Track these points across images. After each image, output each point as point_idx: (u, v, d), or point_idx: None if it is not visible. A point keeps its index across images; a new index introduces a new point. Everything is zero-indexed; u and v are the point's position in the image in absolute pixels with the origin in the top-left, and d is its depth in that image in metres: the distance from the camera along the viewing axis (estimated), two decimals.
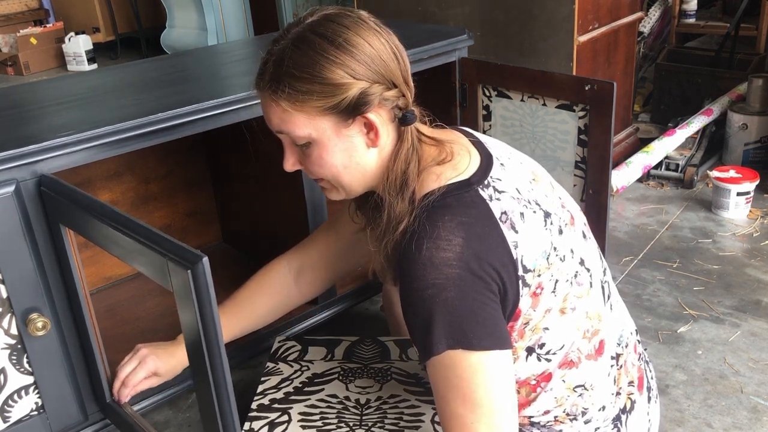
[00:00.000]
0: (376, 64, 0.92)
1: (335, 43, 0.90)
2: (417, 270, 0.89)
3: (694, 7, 3.51)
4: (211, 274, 0.86)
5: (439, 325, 0.87)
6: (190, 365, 0.95)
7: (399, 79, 0.95)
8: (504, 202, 0.94)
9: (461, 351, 0.88)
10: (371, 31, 0.93)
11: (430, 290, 0.88)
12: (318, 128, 0.94)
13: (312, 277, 1.31)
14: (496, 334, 0.89)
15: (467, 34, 1.73)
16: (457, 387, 0.89)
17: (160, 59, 1.83)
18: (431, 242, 0.88)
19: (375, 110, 0.94)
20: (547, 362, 1.00)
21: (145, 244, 0.94)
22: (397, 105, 0.96)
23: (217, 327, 0.88)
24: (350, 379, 1.36)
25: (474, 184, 0.94)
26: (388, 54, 0.94)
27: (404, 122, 0.97)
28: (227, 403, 0.92)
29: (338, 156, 0.96)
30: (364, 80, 0.91)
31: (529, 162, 1.08)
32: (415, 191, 0.95)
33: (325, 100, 0.91)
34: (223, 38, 4.63)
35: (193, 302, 0.87)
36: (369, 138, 0.96)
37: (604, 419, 1.07)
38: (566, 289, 0.98)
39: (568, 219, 1.03)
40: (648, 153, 2.52)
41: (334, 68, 0.90)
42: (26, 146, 1.12)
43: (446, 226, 0.89)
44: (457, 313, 0.87)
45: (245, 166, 1.77)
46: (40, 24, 5.63)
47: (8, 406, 1.20)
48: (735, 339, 1.74)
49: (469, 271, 0.88)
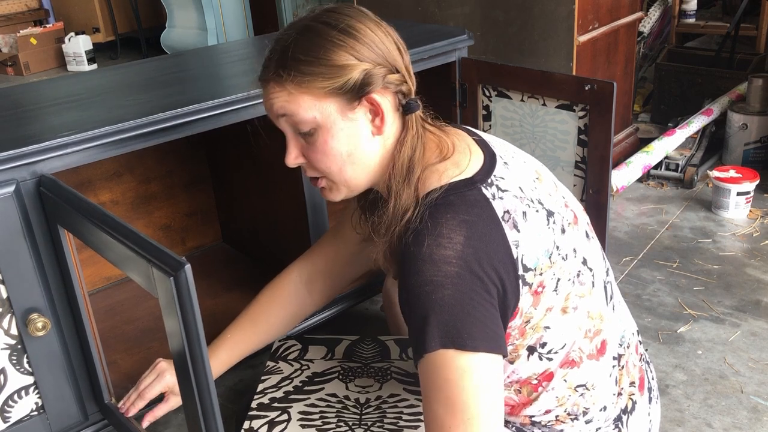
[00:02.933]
0: (379, 48, 0.94)
1: (338, 28, 0.93)
2: (416, 266, 0.88)
3: (694, 7, 3.51)
4: (193, 282, 0.85)
5: (434, 322, 0.87)
6: (176, 371, 0.94)
7: (402, 66, 0.97)
8: (507, 201, 0.94)
9: (453, 351, 0.87)
10: (374, 22, 0.97)
11: (428, 287, 0.87)
12: (323, 111, 0.94)
13: (323, 285, 1.31)
14: (489, 336, 0.88)
15: (467, 34, 1.73)
16: (442, 389, 0.88)
17: (160, 59, 1.83)
18: (432, 239, 0.88)
19: (379, 92, 0.95)
20: (548, 361, 1.00)
21: (133, 249, 0.93)
22: (401, 90, 0.97)
23: (200, 333, 0.87)
24: (350, 379, 1.36)
25: (477, 182, 0.94)
26: (391, 42, 0.97)
27: (408, 110, 0.98)
28: (210, 408, 0.91)
29: (343, 142, 0.96)
30: (367, 62, 0.93)
31: (532, 161, 1.08)
32: (419, 181, 0.95)
33: (330, 81, 0.93)
34: (223, 38, 4.63)
35: (176, 309, 0.86)
36: (374, 125, 0.97)
37: (606, 419, 1.07)
38: (568, 288, 0.98)
39: (571, 218, 1.03)
40: (648, 153, 2.52)
41: (338, 50, 0.92)
42: (26, 146, 1.12)
43: (448, 224, 0.89)
44: (452, 312, 0.87)
45: (245, 166, 1.77)
46: (40, 24, 5.64)
47: (8, 407, 1.20)
48: (735, 339, 1.74)
49: (468, 270, 0.88)
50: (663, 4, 3.57)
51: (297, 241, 1.63)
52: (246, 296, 1.71)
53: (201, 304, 1.71)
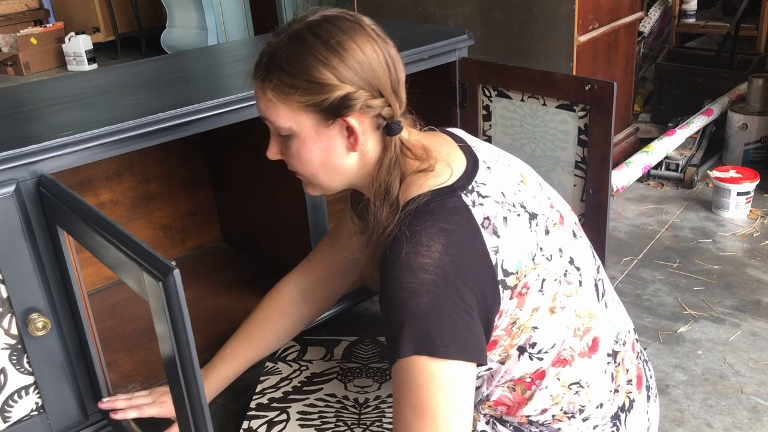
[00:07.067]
0: (364, 71, 0.94)
1: (327, 45, 0.93)
2: (394, 272, 0.89)
3: (694, 7, 3.51)
4: (182, 286, 0.85)
5: (408, 328, 0.88)
6: (166, 375, 0.94)
7: (387, 89, 0.96)
8: (487, 207, 0.95)
9: (426, 357, 0.87)
10: (367, 38, 0.95)
11: (404, 293, 0.88)
12: (299, 123, 0.96)
13: (322, 294, 1.33)
14: (463, 343, 0.89)
15: (467, 34, 1.73)
16: (412, 393, 0.88)
17: (160, 59, 1.83)
18: (411, 247, 0.89)
19: (356, 116, 0.95)
20: (539, 361, 1.01)
21: (125, 253, 0.93)
22: (381, 114, 0.97)
23: (189, 337, 0.87)
24: (349, 379, 1.36)
25: (457, 189, 0.95)
26: (379, 63, 0.95)
27: (389, 132, 0.98)
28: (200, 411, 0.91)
29: (316, 153, 0.98)
30: (349, 84, 0.93)
31: (517, 163, 1.09)
32: (399, 198, 0.96)
33: (308, 97, 0.94)
34: (223, 38, 4.63)
35: (165, 314, 0.86)
36: (349, 142, 0.98)
37: (603, 417, 1.07)
38: (555, 288, 0.99)
39: (556, 219, 1.04)
40: (648, 153, 2.52)
41: (321, 68, 0.92)
42: (26, 146, 1.12)
43: (427, 232, 0.90)
44: (427, 319, 0.88)
45: (245, 166, 1.77)
46: (40, 24, 5.63)
47: (8, 406, 1.20)
48: (735, 339, 1.74)
49: (444, 278, 0.88)
50: (663, 4, 3.57)
51: (297, 241, 1.63)
52: (246, 296, 1.72)
53: (201, 305, 1.72)
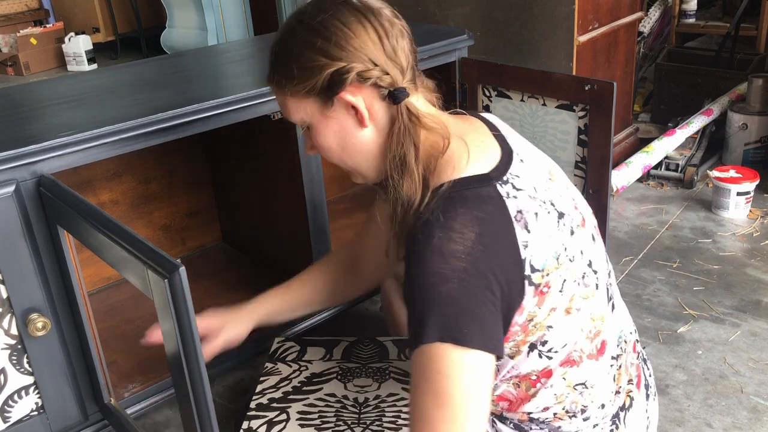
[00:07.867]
0: (350, 44, 0.93)
1: (310, 27, 0.93)
2: (424, 256, 0.88)
3: (694, 7, 3.51)
4: (188, 283, 0.85)
5: (435, 314, 0.87)
6: (171, 372, 0.94)
7: (380, 57, 0.94)
8: (520, 201, 0.93)
9: (449, 345, 0.86)
10: (351, 12, 0.94)
11: (434, 278, 0.87)
12: (306, 111, 0.97)
13: (369, 265, 1.33)
14: (487, 334, 0.88)
15: (467, 34, 1.73)
16: (432, 382, 0.87)
17: (160, 59, 1.83)
18: (444, 232, 0.88)
19: (352, 90, 0.94)
20: (548, 359, 1.00)
21: (129, 251, 0.93)
22: (380, 84, 0.95)
23: (195, 335, 0.87)
24: (348, 379, 1.36)
25: (493, 179, 0.93)
26: (368, 35, 0.94)
27: (393, 100, 0.96)
28: (206, 409, 0.91)
29: (332, 138, 0.99)
30: (337, 60, 0.93)
31: (546, 160, 1.07)
32: (433, 172, 0.94)
33: (303, 84, 0.94)
34: (223, 38, 4.63)
35: (171, 311, 0.86)
36: (357, 119, 0.97)
37: (603, 416, 1.07)
38: (573, 289, 0.98)
39: (579, 220, 1.03)
40: (648, 153, 2.52)
41: (307, 52, 0.93)
42: (26, 146, 1.12)
43: (460, 219, 0.89)
44: (456, 306, 0.86)
45: (245, 166, 1.77)
46: (40, 24, 5.64)
47: (8, 407, 1.20)
48: (735, 339, 1.74)
49: (475, 267, 0.87)
50: (663, 4, 3.57)
51: (297, 241, 1.63)
52: (246, 296, 1.70)
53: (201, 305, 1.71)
